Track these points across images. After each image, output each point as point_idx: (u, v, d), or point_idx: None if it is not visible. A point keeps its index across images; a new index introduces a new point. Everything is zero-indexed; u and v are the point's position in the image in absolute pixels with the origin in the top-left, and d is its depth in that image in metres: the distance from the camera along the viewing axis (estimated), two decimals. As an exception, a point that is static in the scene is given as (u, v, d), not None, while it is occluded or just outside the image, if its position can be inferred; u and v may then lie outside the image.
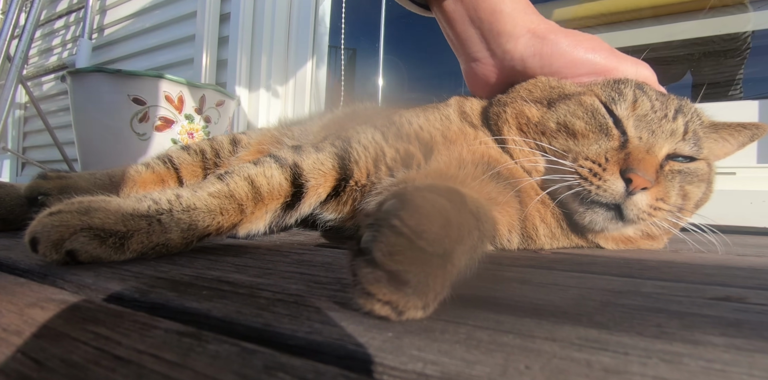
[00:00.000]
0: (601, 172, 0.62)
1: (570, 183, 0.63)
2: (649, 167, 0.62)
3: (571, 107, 0.69)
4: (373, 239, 0.28)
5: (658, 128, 0.66)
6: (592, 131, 0.67)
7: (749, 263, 0.63)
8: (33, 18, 2.00)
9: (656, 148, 0.65)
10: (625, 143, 0.65)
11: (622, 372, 0.22)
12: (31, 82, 3.20)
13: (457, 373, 0.22)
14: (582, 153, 0.65)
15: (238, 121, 2.13)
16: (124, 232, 0.46)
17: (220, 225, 0.54)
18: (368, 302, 0.29)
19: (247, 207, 0.57)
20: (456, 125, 0.76)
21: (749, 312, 0.34)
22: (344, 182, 0.69)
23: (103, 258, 0.45)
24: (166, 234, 0.49)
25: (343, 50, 2.27)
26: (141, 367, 0.23)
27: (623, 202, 0.62)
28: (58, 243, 0.43)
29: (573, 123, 0.68)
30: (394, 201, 0.30)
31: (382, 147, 0.71)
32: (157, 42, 2.52)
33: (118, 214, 0.46)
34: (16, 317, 0.30)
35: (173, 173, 1.02)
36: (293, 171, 0.65)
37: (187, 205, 0.51)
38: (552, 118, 0.69)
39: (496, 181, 0.65)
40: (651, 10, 1.72)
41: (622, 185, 0.61)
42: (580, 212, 0.65)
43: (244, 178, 0.59)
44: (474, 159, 0.67)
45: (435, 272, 0.29)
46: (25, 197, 0.75)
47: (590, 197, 0.63)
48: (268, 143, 1.08)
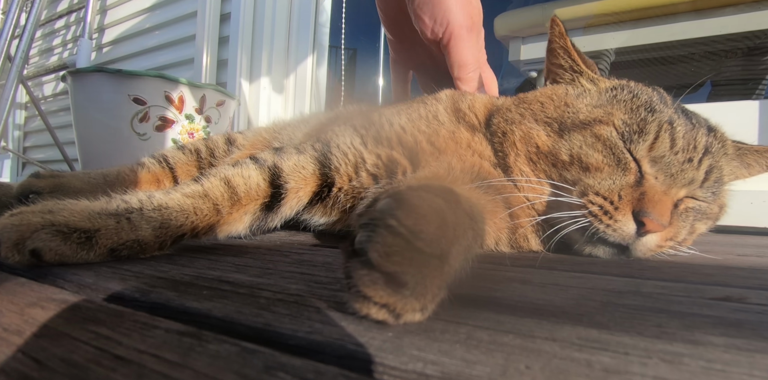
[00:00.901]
0: (612, 211, 0.58)
1: (577, 219, 0.59)
2: (665, 210, 0.58)
3: (588, 139, 0.63)
4: (369, 239, 0.27)
5: (679, 171, 0.61)
6: (608, 165, 0.61)
7: (749, 263, 0.63)
8: (33, 18, 2.00)
9: (673, 190, 0.61)
10: (641, 180, 0.60)
11: (622, 372, 0.22)
12: (31, 82, 3.20)
13: (457, 373, 0.22)
14: (593, 187, 0.60)
15: (238, 121, 2.13)
16: (89, 228, 0.44)
17: (195, 225, 0.53)
18: (364, 305, 0.28)
19: (223, 207, 0.56)
20: (446, 127, 0.70)
21: (749, 312, 0.34)
22: (327, 188, 0.67)
23: (70, 257, 0.43)
24: (136, 231, 0.47)
25: (344, 50, 2.27)
26: (141, 367, 0.23)
27: (632, 242, 0.59)
28: (19, 243, 0.41)
29: (588, 156, 0.62)
30: (389, 200, 0.29)
31: (362, 153, 0.67)
32: (158, 42, 2.52)
33: (84, 213, 0.45)
34: (17, 316, 0.30)
35: (168, 172, 1.02)
36: (272, 172, 0.63)
37: (159, 204, 0.50)
38: (564, 149, 0.64)
39: (484, 191, 0.62)
40: (689, 3, 1.70)
41: (634, 228, 0.58)
42: (584, 244, 0.62)
43: (220, 179, 0.58)
44: (464, 167, 0.64)
45: (432, 273, 0.28)
46: (16, 195, 0.75)
47: (598, 234, 0.59)
48: (260, 147, 1.06)
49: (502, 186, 0.65)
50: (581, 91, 0.70)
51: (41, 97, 3.29)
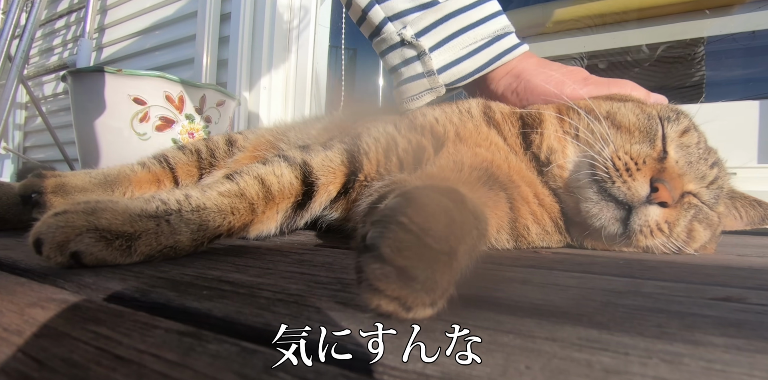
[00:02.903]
0: (634, 171, 0.61)
1: (599, 169, 0.63)
2: (678, 187, 0.62)
3: (629, 105, 0.70)
4: (381, 235, 0.28)
5: (696, 163, 0.67)
6: (639, 130, 0.67)
7: (749, 263, 0.63)
8: (34, 18, 2.00)
9: (686, 178, 0.66)
10: (663, 159, 0.65)
11: (622, 373, 0.22)
12: (31, 82, 3.20)
13: (457, 373, 0.22)
14: (623, 147, 0.65)
15: (238, 121, 2.13)
16: (131, 233, 0.44)
17: (231, 225, 0.53)
18: (375, 297, 0.28)
19: (258, 206, 0.56)
20: (473, 122, 0.74)
21: (749, 312, 0.34)
22: (353, 177, 0.68)
23: (108, 261, 0.43)
24: (175, 236, 0.47)
25: (344, 50, 2.27)
26: (141, 367, 0.23)
27: (637, 206, 0.61)
28: (62, 244, 0.41)
29: (625, 115, 0.68)
30: (399, 199, 0.30)
31: (395, 137, 0.70)
32: (158, 42, 2.52)
33: (125, 215, 0.45)
34: (17, 316, 0.30)
35: (169, 172, 1.02)
36: (303, 169, 0.64)
37: (197, 205, 0.50)
38: (603, 105, 0.70)
39: (489, 187, 0.64)
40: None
41: (647, 191, 0.60)
42: (591, 201, 0.63)
43: (254, 177, 0.59)
44: (474, 163, 0.66)
45: (442, 269, 0.29)
46: (18, 195, 0.75)
47: (611, 188, 0.61)
48: (264, 149, 1.06)
49: (509, 179, 0.67)
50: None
51: (41, 97, 3.29)
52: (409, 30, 0.84)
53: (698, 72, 2.01)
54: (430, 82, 0.85)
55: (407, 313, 0.28)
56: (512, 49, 0.87)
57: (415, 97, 0.88)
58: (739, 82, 2.18)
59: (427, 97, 0.87)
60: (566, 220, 0.69)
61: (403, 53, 0.86)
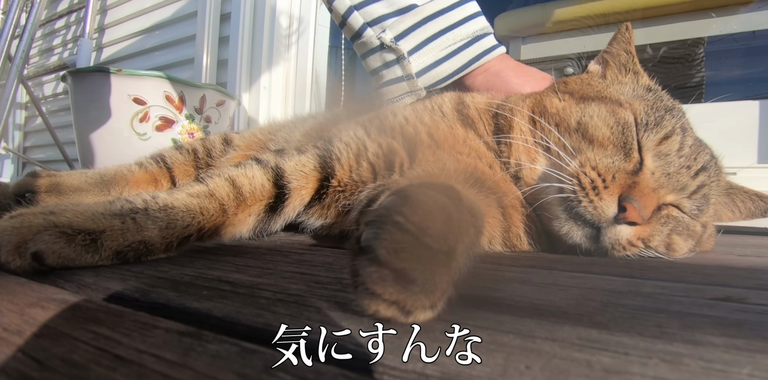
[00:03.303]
0: (601, 188, 0.58)
1: (565, 186, 0.59)
2: (650, 204, 0.59)
3: (602, 112, 0.64)
4: (376, 236, 0.27)
5: (676, 173, 0.62)
6: (613, 144, 0.62)
7: (749, 263, 0.63)
8: (34, 18, 2.00)
9: (663, 191, 0.61)
10: (638, 171, 0.61)
11: (622, 373, 0.22)
12: (31, 82, 3.20)
13: (457, 373, 0.22)
14: (592, 161, 0.61)
15: (238, 121, 2.13)
16: (94, 229, 0.42)
17: (201, 226, 0.52)
18: (373, 302, 0.27)
19: (229, 208, 0.56)
20: (446, 122, 0.71)
21: (749, 312, 0.34)
22: (327, 183, 0.67)
23: (75, 260, 0.41)
24: (142, 232, 0.46)
25: (344, 50, 2.27)
26: (141, 367, 0.23)
27: (605, 227, 0.58)
28: (20, 245, 0.39)
29: (597, 128, 0.63)
30: (393, 198, 0.29)
31: (364, 142, 0.68)
32: (158, 42, 2.52)
33: (87, 213, 0.43)
34: (17, 316, 0.30)
35: (166, 172, 1.01)
36: (275, 172, 0.63)
37: (164, 204, 0.49)
38: (575, 114, 0.65)
39: (478, 189, 0.62)
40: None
41: (614, 211, 0.57)
42: (560, 219, 0.61)
43: (225, 178, 0.58)
44: (458, 168, 0.64)
45: (441, 269, 0.28)
46: (12, 194, 0.75)
47: (577, 208, 0.58)
48: (255, 148, 1.06)
49: (496, 185, 0.65)
50: (619, 81, 0.74)
51: (41, 97, 3.29)
52: (389, 34, 0.84)
53: (698, 73, 2.01)
54: (410, 85, 0.86)
55: (406, 317, 0.28)
56: (490, 50, 0.88)
57: (395, 99, 0.88)
58: (739, 82, 2.18)
59: (408, 99, 0.87)
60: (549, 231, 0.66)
61: (383, 57, 0.87)
